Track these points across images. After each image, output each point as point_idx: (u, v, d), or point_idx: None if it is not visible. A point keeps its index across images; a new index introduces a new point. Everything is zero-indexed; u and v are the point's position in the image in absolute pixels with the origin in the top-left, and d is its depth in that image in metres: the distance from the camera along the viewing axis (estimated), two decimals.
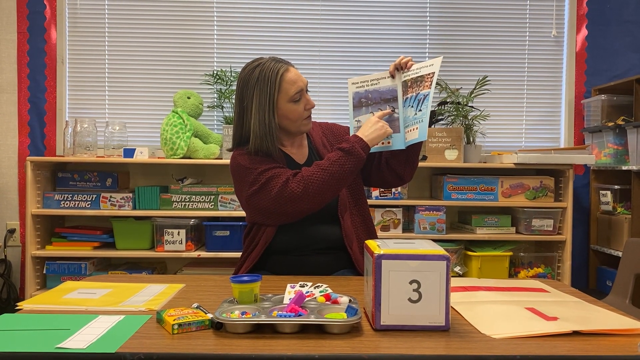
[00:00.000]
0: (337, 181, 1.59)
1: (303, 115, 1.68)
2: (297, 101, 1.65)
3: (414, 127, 1.61)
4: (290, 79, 1.63)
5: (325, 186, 1.58)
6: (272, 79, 1.61)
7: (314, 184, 1.57)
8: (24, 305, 1.25)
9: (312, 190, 1.57)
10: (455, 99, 2.94)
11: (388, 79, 1.70)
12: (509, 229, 2.88)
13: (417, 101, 1.60)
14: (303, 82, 1.66)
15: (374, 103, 1.71)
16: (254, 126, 1.62)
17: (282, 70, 1.63)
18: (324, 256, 1.71)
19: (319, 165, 1.60)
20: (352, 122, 1.74)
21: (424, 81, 1.60)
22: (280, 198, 1.59)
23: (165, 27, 3.13)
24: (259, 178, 1.61)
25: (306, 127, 1.71)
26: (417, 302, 1.07)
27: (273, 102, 1.62)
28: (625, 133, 2.84)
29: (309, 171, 1.60)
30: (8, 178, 3.09)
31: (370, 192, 2.83)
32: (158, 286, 1.44)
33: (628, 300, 1.91)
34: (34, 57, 3.08)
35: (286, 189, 1.58)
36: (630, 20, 3.18)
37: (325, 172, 1.58)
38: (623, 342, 1.03)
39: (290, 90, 1.63)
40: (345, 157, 1.59)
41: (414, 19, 3.18)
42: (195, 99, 2.90)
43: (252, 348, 0.97)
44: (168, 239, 2.74)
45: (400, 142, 1.67)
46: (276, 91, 1.62)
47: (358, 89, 1.74)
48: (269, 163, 1.64)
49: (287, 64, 1.66)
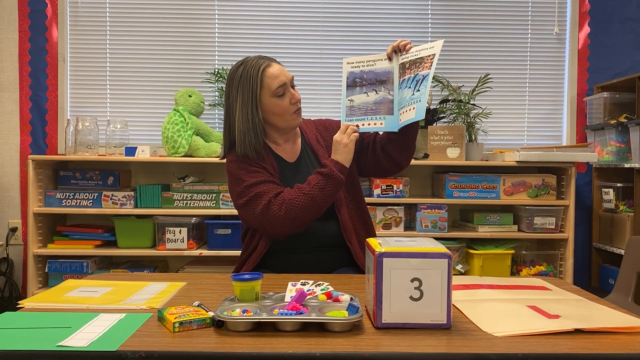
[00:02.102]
0: (318, 205, 1.61)
1: (290, 110, 1.68)
2: (281, 96, 1.65)
3: (410, 107, 1.59)
4: (272, 74, 1.64)
5: (307, 210, 1.59)
6: (253, 75, 1.63)
7: (296, 207, 1.59)
8: (26, 304, 1.25)
9: (293, 215, 1.59)
10: (457, 96, 2.93)
11: (385, 60, 1.69)
12: (511, 227, 2.87)
13: (416, 82, 1.59)
14: (286, 77, 1.66)
15: (369, 84, 1.70)
16: (239, 122, 1.64)
17: (264, 65, 1.64)
18: (324, 254, 1.71)
19: (301, 190, 1.61)
20: (345, 102, 1.72)
21: (424, 62, 1.59)
22: (263, 219, 1.61)
23: (167, 26, 3.13)
24: (246, 192, 1.63)
25: (295, 122, 1.71)
26: (419, 300, 1.07)
27: (256, 98, 1.63)
28: (627, 131, 2.83)
29: (290, 194, 1.61)
30: (10, 177, 3.09)
31: (372, 190, 2.83)
32: (159, 284, 1.44)
33: (630, 298, 1.91)
34: (35, 55, 3.08)
35: (268, 211, 1.60)
36: (633, 18, 3.17)
37: (306, 196, 1.59)
38: (625, 340, 1.02)
39: (272, 84, 1.64)
40: (324, 180, 1.61)
41: (416, 17, 3.17)
42: (197, 97, 2.89)
43: (253, 346, 0.97)
44: (170, 237, 2.74)
45: (394, 124, 1.65)
46: (258, 86, 1.63)
47: (353, 69, 1.72)
48: (256, 175, 1.65)
49: (271, 60, 1.68)
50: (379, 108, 1.68)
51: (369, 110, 1.69)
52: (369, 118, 1.68)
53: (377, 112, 1.68)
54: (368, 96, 1.69)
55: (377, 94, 1.68)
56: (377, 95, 1.68)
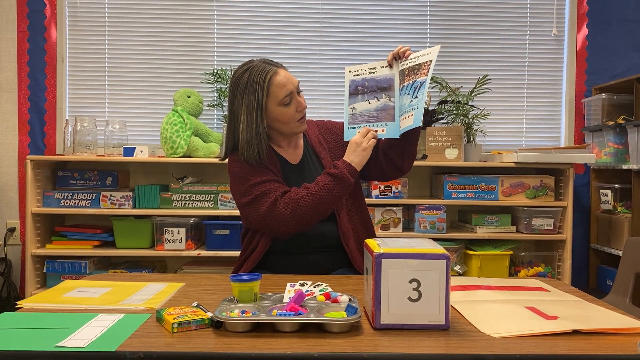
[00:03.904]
0: (326, 206, 1.60)
1: (295, 118, 1.67)
2: (288, 104, 1.64)
3: (409, 114, 1.60)
4: (279, 83, 1.61)
5: (313, 211, 1.59)
6: (260, 83, 1.60)
7: (302, 207, 1.58)
8: (24, 304, 1.25)
9: (300, 214, 1.58)
10: (455, 97, 2.94)
11: (386, 68, 1.71)
12: (509, 228, 2.88)
13: (414, 88, 1.60)
14: (293, 85, 1.64)
15: (371, 91, 1.71)
16: (242, 130, 1.62)
17: (271, 73, 1.61)
18: (322, 255, 1.71)
19: (308, 190, 1.60)
20: (347, 110, 1.74)
21: (421, 69, 1.60)
22: (268, 217, 1.59)
23: (166, 26, 3.13)
24: (251, 191, 1.62)
25: (300, 129, 1.71)
26: (417, 301, 1.07)
27: (262, 107, 1.61)
28: (625, 132, 2.83)
29: (297, 193, 1.60)
30: (8, 177, 3.09)
31: (370, 191, 2.83)
32: (158, 285, 1.44)
33: (628, 299, 1.91)
34: (34, 55, 3.08)
35: (274, 209, 1.58)
36: (631, 19, 3.17)
37: (314, 196, 1.58)
38: (623, 341, 1.02)
39: (279, 94, 1.61)
40: (333, 182, 1.60)
41: (415, 18, 3.17)
42: (196, 97, 2.89)
43: (252, 347, 0.97)
44: (168, 237, 2.74)
45: (395, 130, 1.66)
46: (264, 95, 1.60)
47: (355, 77, 1.74)
48: (261, 174, 1.64)
49: (277, 66, 1.65)
50: (380, 115, 1.69)
51: (371, 117, 1.70)
52: (371, 125, 1.69)
53: (378, 118, 1.69)
54: (370, 103, 1.70)
55: (378, 101, 1.70)
56: (379, 102, 1.70)
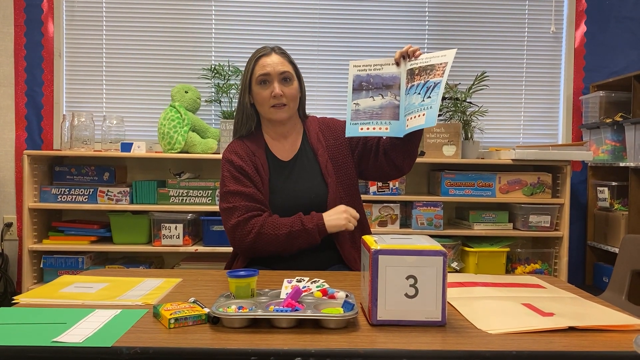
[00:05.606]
0: (285, 250, 1.65)
1: (269, 102, 1.70)
2: (263, 85, 1.70)
3: (419, 114, 1.57)
4: (262, 63, 1.70)
5: (272, 248, 1.65)
6: (250, 60, 1.74)
7: (263, 241, 1.63)
8: (21, 299, 1.25)
9: (258, 246, 1.64)
10: (453, 94, 2.93)
11: (392, 65, 1.68)
12: (506, 225, 2.88)
13: (426, 88, 1.57)
14: (273, 69, 1.69)
15: (375, 88, 1.69)
16: (237, 104, 1.79)
17: (261, 53, 1.72)
18: (315, 252, 1.69)
19: (276, 227, 1.62)
20: (350, 105, 1.71)
21: (435, 70, 1.57)
22: (231, 234, 1.67)
23: (163, 21, 3.12)
24: (225, 198, 1.69)
25: (275, 116, 1.72)
26: (414, 297, 1.08)
27: (247, 82, 1.73)
28: (623, 130, 2.84)
29: (264, 227, 1.62)
30: (5, 172, 3.08)
31: (368, 188, 2.83)
32: (155, 280, 1.44)
33: (624, 296, 1.92)
34: (31, 50, 3.06)
35: (236, 230, 1.64)
36: (629, 17, 3.18)
37: (278, 238, 1.62)
38: (619, 338, 1.03)
39: (257, 72, 1.70)
40: (300, 232, 1.63)
41: (413, 15, 3.17)
42: (193, 93, 2.89)
43: (249, 342, 0.97)
44: (165, 233, 2.74)
45: (399, 129, 1.64)
46: (249, 72, 1.72)
47: (359, 72, 1.71)
48: (238, 183, 1.68)
49: (275, 51, 1.73)
50: (384, 113, 1.67)
51: (375, 115, 1.68)
52: (374, 122, 1.67)
53: (382, 116, 1.67)
54: (374, 100, 1.68)
55: (383, 99, 1.67)
56: (383, 100, 1.67)
